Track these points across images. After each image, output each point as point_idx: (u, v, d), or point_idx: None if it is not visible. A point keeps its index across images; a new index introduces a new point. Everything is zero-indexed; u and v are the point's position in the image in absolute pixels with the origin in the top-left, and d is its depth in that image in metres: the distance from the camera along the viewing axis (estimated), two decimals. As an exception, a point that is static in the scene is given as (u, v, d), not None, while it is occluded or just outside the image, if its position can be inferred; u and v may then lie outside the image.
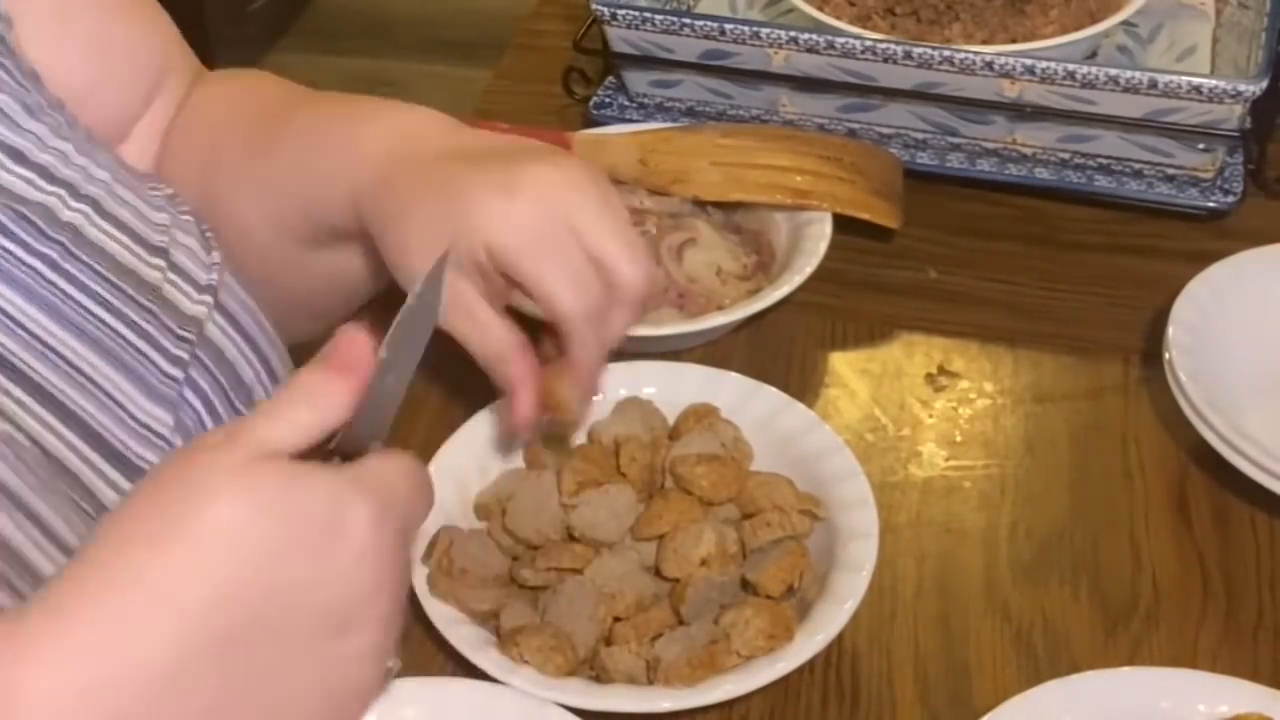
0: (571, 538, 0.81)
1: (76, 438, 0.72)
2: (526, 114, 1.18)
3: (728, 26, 1.11)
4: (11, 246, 0.72)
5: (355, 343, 0.58)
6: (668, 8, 1.18)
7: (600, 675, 0.77)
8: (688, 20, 1.11)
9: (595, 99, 1.19)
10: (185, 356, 0.77)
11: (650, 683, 0.76)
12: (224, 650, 0.53)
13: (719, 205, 1.05)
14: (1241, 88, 1.03)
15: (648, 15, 1.12)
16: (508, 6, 1.79)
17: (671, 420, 0.88)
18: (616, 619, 0.78)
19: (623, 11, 1.12)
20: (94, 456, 0.72)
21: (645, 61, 1.15)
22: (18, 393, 0.70)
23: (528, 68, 1.27)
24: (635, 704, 0.75)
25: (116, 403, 0.73)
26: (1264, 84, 1.04)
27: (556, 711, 0.73)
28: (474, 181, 0.76)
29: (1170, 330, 0.92)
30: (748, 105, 1.16)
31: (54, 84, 0.79)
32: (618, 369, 0.90)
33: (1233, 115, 1.05)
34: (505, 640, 0.76)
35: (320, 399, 0.57)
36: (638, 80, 1.17)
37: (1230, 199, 1.09)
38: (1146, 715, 0.74)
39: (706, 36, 1.11)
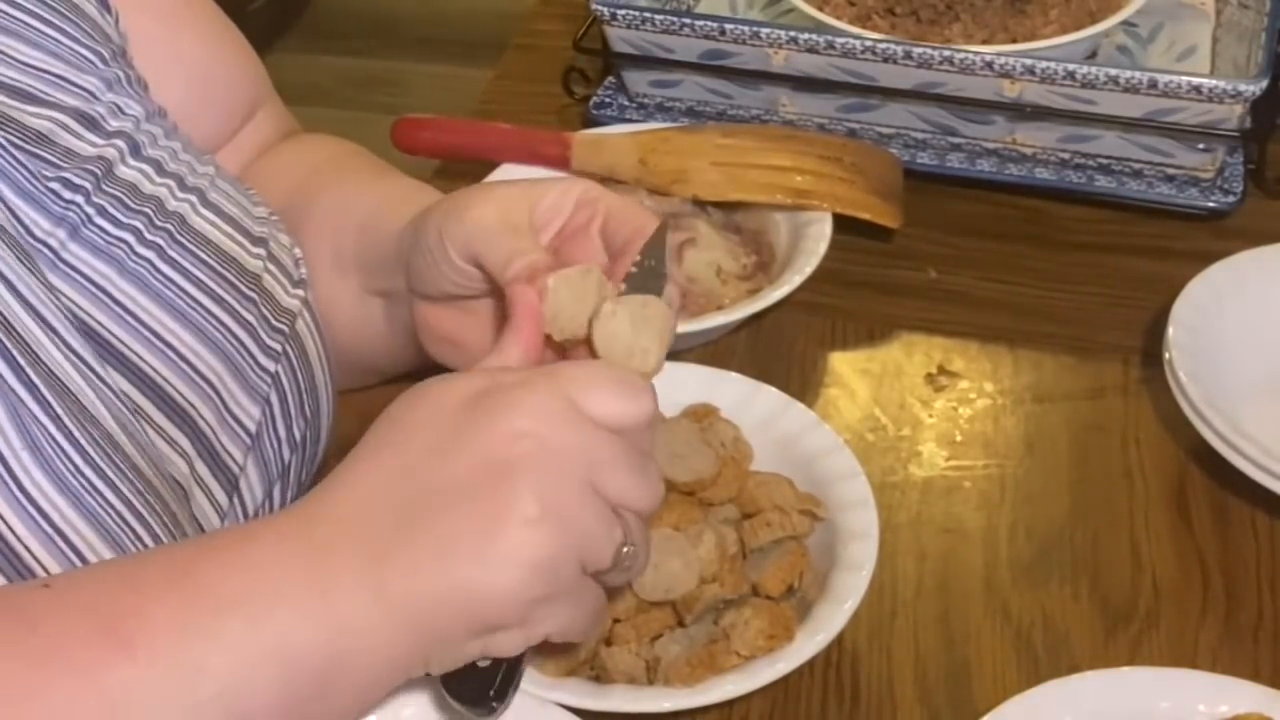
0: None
1: (177, 430, 0.74)
2: (526, 114, 1.18)
3: (728, 26, 1.11)
4: (127, 237, 0.74)
5: (526, 290, 0.71)
6: (668, 8, 1.18)
7: (600, 675, 0.77)
8: (688, 20, 1.11)
9: (595, 99, 1.19)
10: (279, 349, 0.79)
11: (650, 683, 0.76)
12: (398, 495, 0.63)
13: (719, 205, 1.05)
14: (1241, 88, 1.03)
15: (648, 15, 1.12)
16: (508, 6, 1.79)
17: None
18: (616, 619, 0.78)
19: (623, 11, 1.12)
20: (188, 447, 0.74)
21: (645, 61, 1.15)
22: (128, 387, 0.72)
23: (528, 68, 1.27)
24: (635, 704, 0.75)
25: (217, 393, 0.76)
26: (1264, 84, 1.04)
27: (556, 711, 0.73)
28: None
29: (1170, 330, 0.92)
30: (748, 105, 1.16)
31: (157, 99, 0.82)
32: (618, 369, 0.91)
33: (1233, 115, 1.05)
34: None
35: (505, 351, 0.69)
36: (638, 80, 1.17)
37: (1230, 199, 1.09)
38: (1146, 715, 0.74)
39: (706, 36, 1.11)
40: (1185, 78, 1.04)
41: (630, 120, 1.16)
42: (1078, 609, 0.84)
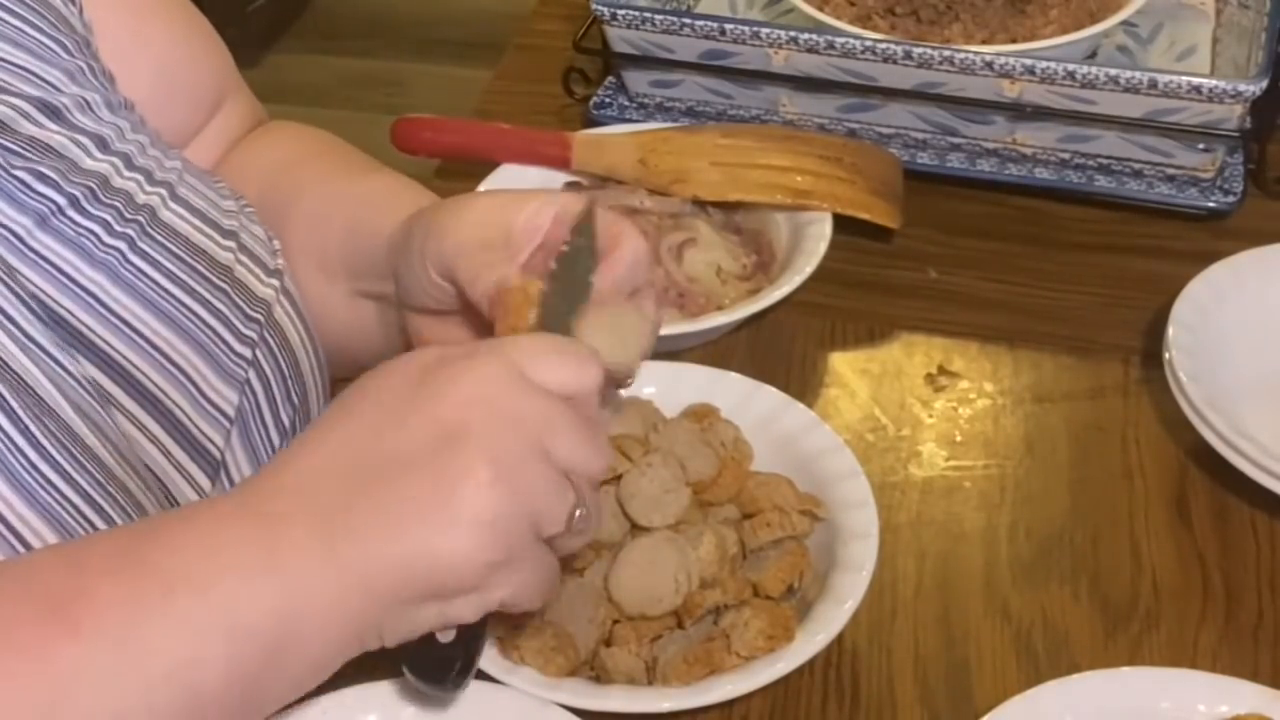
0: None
1: (150, 418, 0.74)
2: (526, 114, 1.18)
3: (728, 26, 1.11)
4: (95, 228, 0.74)
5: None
6: (668, 8, 1.18)
7: (600, 676, 0.77)
8: (688, 20, 1.11)
9: (595, 99, 1.19)
10: (254, 336, 0.80)
11: (650, 683, 0.76)
12: (348, 462, 0.64)
13: (719, 205, 1.05)
14: (1241, 88, 1.03)
15: (648, 15, 1.12)
16: (508, 6, 1.79)
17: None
18: (616, 620, 0.78)
19: (623, 11, 1.12)
20: (163, 436, 0.74)
21: (645, 61, 1.15)
22: (96, 373, 0.72)
23: (528, 68, 1.27)
24: (635, 704, 0.75)
25: (190, 380, 0.76)
26: (1264, 84, 1.04)
27: (556, 711, 0.73)
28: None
29: (1170, 330, 0.92)
30: (748, 105, 1.16)
31: (124, 92, 0.82)
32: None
33: (1233, 115, 1.05)
34: (505, 641, 0.77)
35: None
36: (638, 80, 1.17)
37: (1230, 199, 1.09)
38: (1146, 715, 0.74)
39: (706, 36, 1.11)
40: (1185, 78, 1.04)
41: (630, 120, 1.16)
42: (1078, 609, 0.84)
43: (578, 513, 0.66)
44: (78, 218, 0.74)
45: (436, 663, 0.68)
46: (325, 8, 3.16)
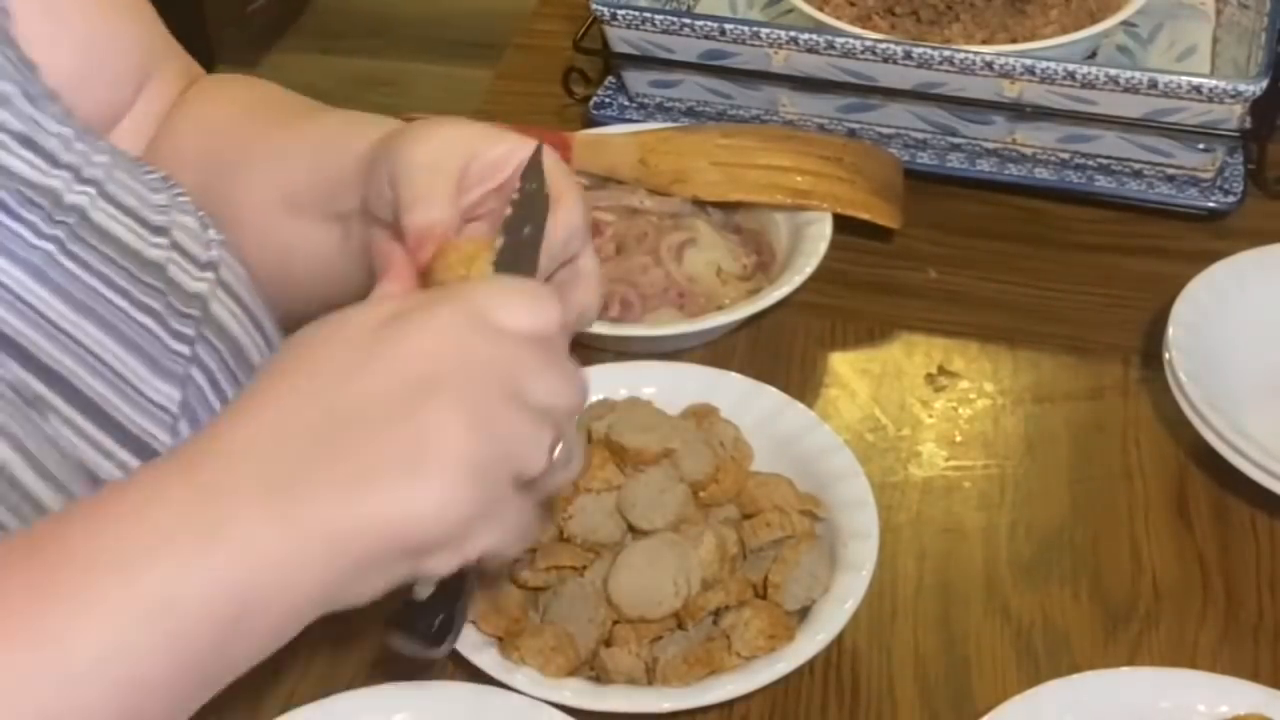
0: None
1: (86, 420, 0.72)
2: (526, 114, 1.18)
3: (728, 26, 1.11)
4: (21, 230, 0.73)
5: (394, 253, 0.72)
6: (668, 8, 1.18)
7: (600, 676, 0.77)
8: (688, 20, 1.11)
9: (595, 99, 1.19)
10: (191, 333, 0.78)
11: (650, 683, 0.76)
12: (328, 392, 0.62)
13: (719, 205, 1.05)
14: (1241, 88, 1.03)
15: (648, 15, 1.12)
16: (508, 6, 1.78)
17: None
18: (616, 621, 0.78)
19: (623, 11, 1.12)
20: (101, 437, 0.73)
21: (645, 61, 1.15)
22: (28, 377, 0.71)
23: (528, 68, 1.27)
24: (635, 704, 0.75)
25: (126, 381, 0.74)
26: (1264, 84, 1.04)
27: (549, 712, 0.73)
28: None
29: (1170, 330, 0.92)
30: (748, 105, 1.16)
31: (46, 78, 0.80)
32: (618, 369, 0.91)
33: (1233, 115, 1.05)
34: (505, 641, 0.76)
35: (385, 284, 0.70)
36: (638, 80, 1.17)
37: (1230, 199, 1.09)
38: (1146, 715, 0.74)
39: (706, 36, 1.11)
40: (1185, 78, 1.04)
41: (630, 120, 1.16)
42: (1078, 609, 0.84)
43: (558, 450, 0.64)
44: (5, 220, 0.72)
45: (418, 619, 0.66)
46: (325, 8, 3.16)
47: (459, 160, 0.75)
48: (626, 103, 1.19)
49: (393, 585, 0.63)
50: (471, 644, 0.76)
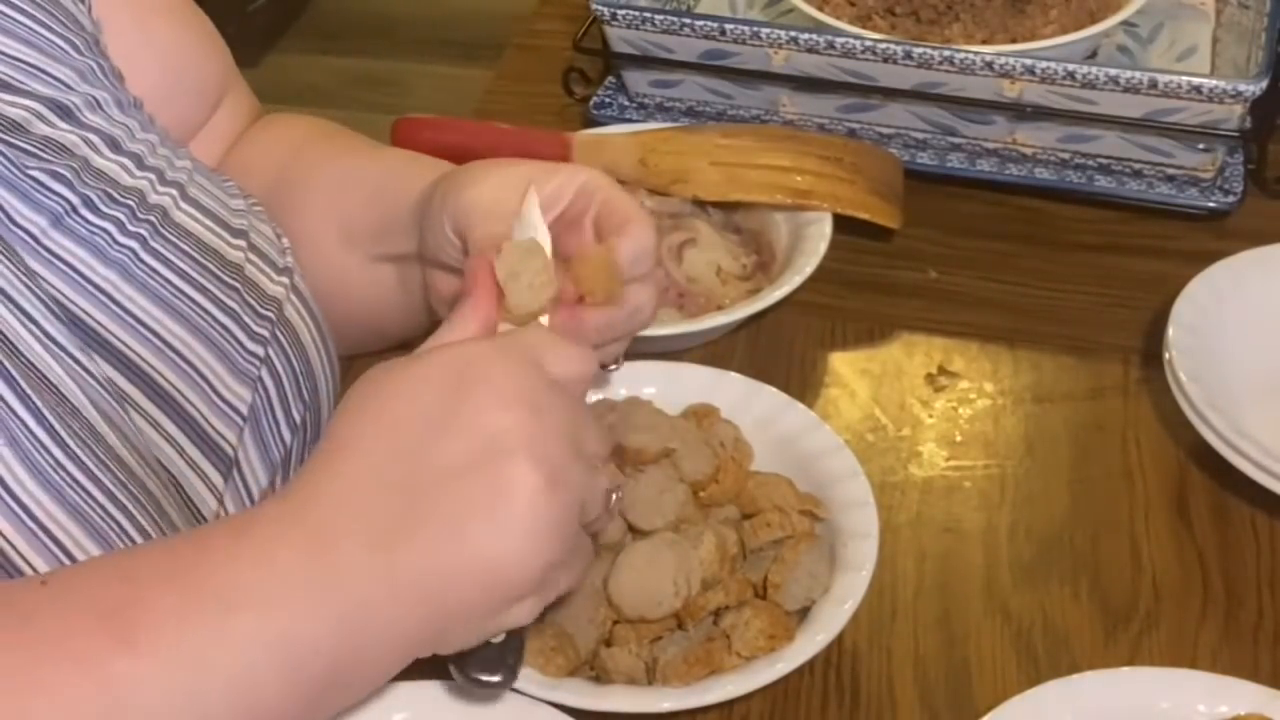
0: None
1: (165, 416, 0.74)
2: (526, 114, 1.18)
3: (728, 26, 1.11)
4: (108, 226, 0.74)
5: (481, 268, 0.72)
6: (668, 8, 1.18)
7: (600, 676, 0.77)
8: (688, 20, 1.11)
9: (595, 99, 1.19)
10: (266, 334, 0.80)
11: (650, 683, 0.76)
12: (396, 480, 0.64)
13: (719, 205, 1.05)
14: (1241, 88, 1.03)
15: (648, 15, 1.12)
16: (508, 6, 1.79)
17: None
18: (616, 621, 0.78)
19: (623, 11, 1.12)
20: (177, 433, 0.74)
21: (645, 61, 1.15)
22: (113, 373, 0.72)
23: (528, 68, 1.27)
24: (635, 704, 0.75)
25: (204, 379, 0.76)
26: (1264, 84, 1.04)
27: (549, 712, 0.73)
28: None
29: (1170, 330, 0.92)
30: (748, 105, 1.16)
31: (131, 89, 0.82)
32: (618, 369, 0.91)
33: (1233, 115, 1.05)
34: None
35: (458, 322, 0.71)
36: (638, 80, 1.17)
37: (1230, 199, 1.09)
38: (1146, 715, 0.74)
39: (706, 36, 1.11)
40: (1185, 78, 1.04)
41: (630, 120, 1.16)
42: (1078, 609, 0.84)
43: (614, 496, 0.70)
44: (91, 217, 0.74)
45: (483, 660, 0.68)
46: (325, 8, 3.16)
47: (517, 199, 0.76)
48: (626, 103, 1.19)
49: (480, 639, 0.66)
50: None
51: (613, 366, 0.82)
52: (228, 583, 0.60)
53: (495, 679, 0.68)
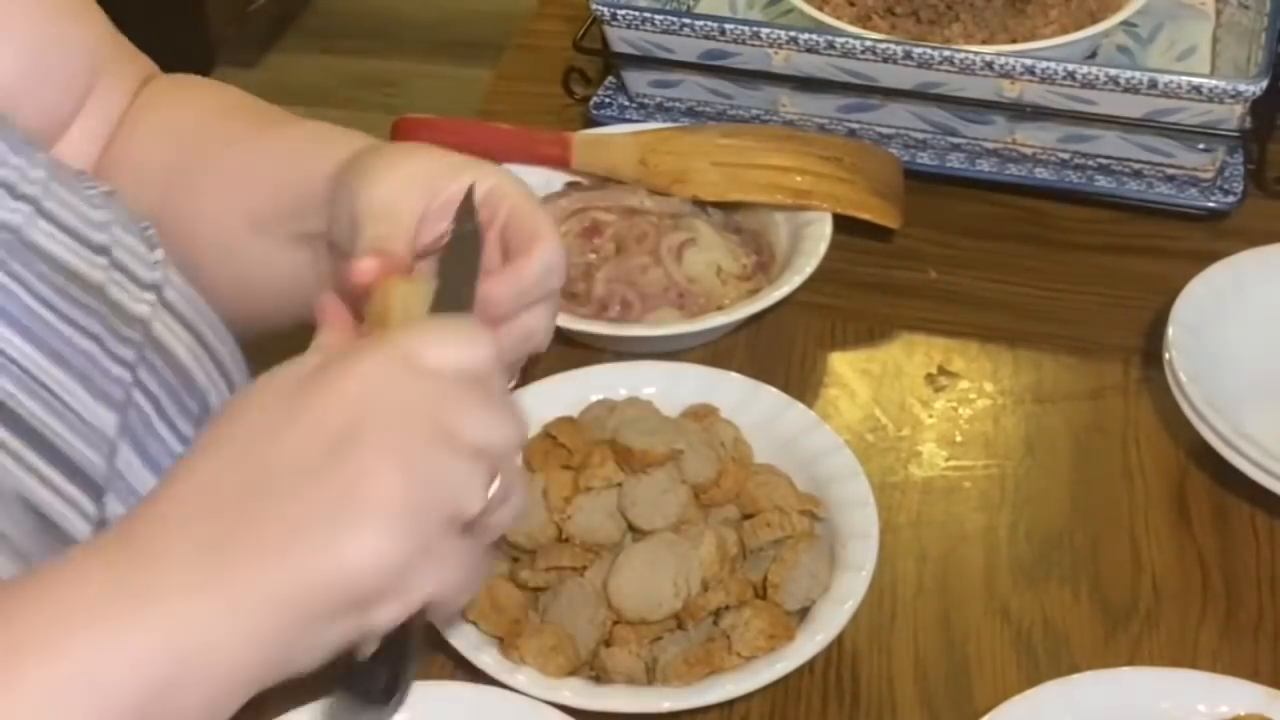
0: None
1: (25, 446, 0.70)
2: (526, 114, 1.18)
3: (728, 26, 1.11)
4: None
5: (331, 304, 0.70)
6: (668, 8, 1.18)
7: (600, 676, 0.77)
8: (688, 20, 1.11)
9: (595, 99, 1.19)
10: (131, 357, 0.76)
11: (650, 683, 0.76)
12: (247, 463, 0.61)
13: (719, 205, 1.05)
14: (1241, 88, 1.03)
15: (648, 15, 1.12)
16: (508, 6, 1.79)
17: (671, 420, 0.88)
18: (616, 621, 0.78)
19: (623, 11, 1.12)
20: (39, 463, 0.70)
21: (645, 61, 1.15)
22: None
23: (528, 68, 1.27)
24: (635, 704, 0.75)
25: (66, 405, 0.72)
26: (1264, 84, 1.04)
27: (549, 712, 0.73)
28: None
29: (1170, 330, 0.92)
30: (748, 105, 1.16)
31: None
32: (618, 369, 0.91)
33: (1233, 115, 1.05)
34: (506, 641, 0.76)
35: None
36: (638, 80, 1.17)
37: (1230, 199, 1.09)
38: (1146, 715, 0.74)
39: (706, 36, 1.11)
40: (1185, 78, 1.04)
41: (630, 120, 1.16)
42: (1078, 609, 0.84)
43: (493, 488, 0.63)
44: None
45: (365, 680, 0.64)
46: (325, 8, 3.15)
47: (419, 200, 0.74)
48: (626, 103, 1.19)
49: (339, 646, 0.61)
50: (471, 644, 0.76)
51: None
52: (21, 630, 0.56)
53: (368, 705, 0.64)
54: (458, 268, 0.72)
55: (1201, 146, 1.08)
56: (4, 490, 0.68)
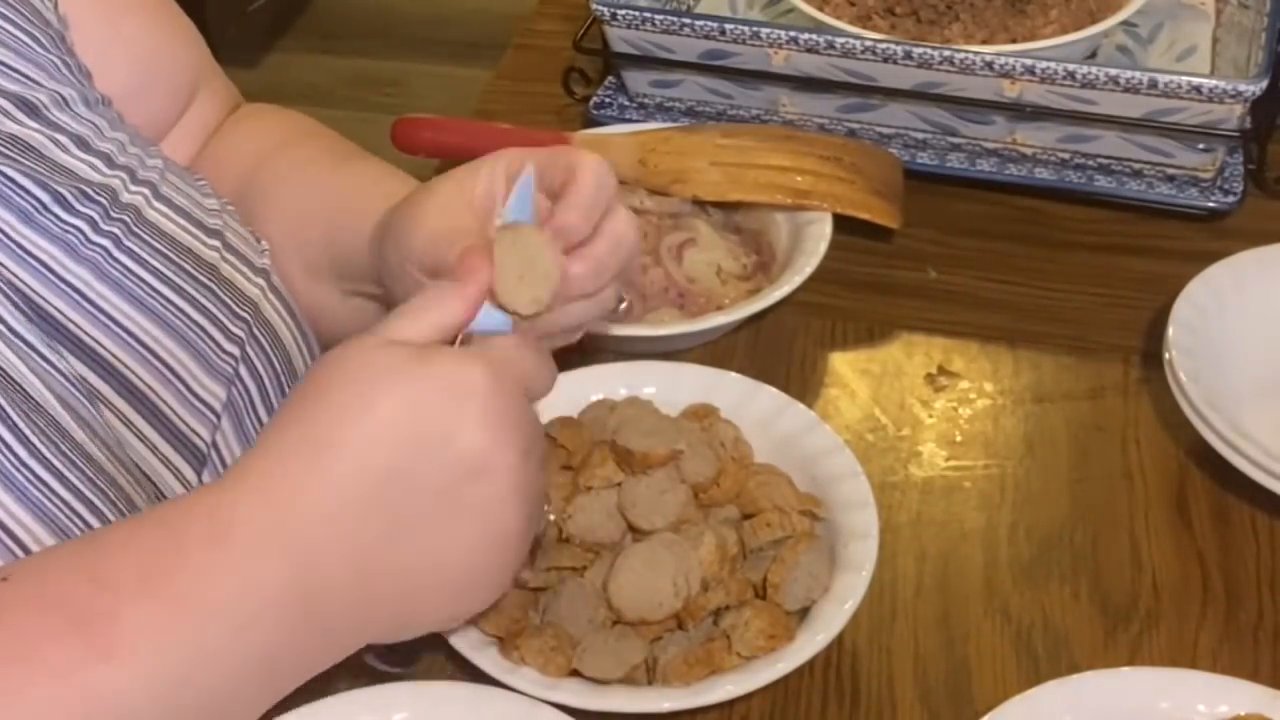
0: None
1: (136, 414, 0.74)
2: (526, 114, 1.18)
3: (728, 26, 1.11)
4: (80, 225, 0.74)
5: (476, 253, 0.69)
6: (668, 8, 1.18)
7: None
8: (688, 20, 1.11)
9: (595, 99, 1.19)
10: (241, 334, 0.80)
11: (650, 683, 0.76)
12: (385, 500, 0.63)
13: (719, 205, 1.05)
14: (1241, 88, 1.03)
15: (648, 15, 1.12)
16: (508, 6, 1.79)
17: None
18: (616, 621, 0.78)
19: (623, 11, 1.12)
20: (149, 431, 0.74)
21: (645, 61, 1.15)
22: (83, 370, 0.72)
23: (528, 68, 1.27)
24: (635, 704, 0.75)
25: (177, 376, 0.76)
26: (1264, 84, 1.04)
27: (549, 712, 0.73)
28: None
29: (1170, 330, 0.92)
30: (748, 105, 1.16)
31: (101, 86, 0.82)
32: (617, 369, 0.91)
33: (1233, 115, 1.05)
34: (506, 641, 0.76)
35: (447, 301, 0.68)
36: (638, 80, 1.17)
37: (1230, 199, 1.09)
38: (1146, 715, 0.74)
39: (706, 36, 1.11)
40: (1185, 78, 1.04)
41: (630, 120, 1.16)
42: (1078, 609, 0.84)
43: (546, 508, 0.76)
44: (63, 214, 0.73)
45: (398, 646, 0.73)
46: (325, 8, 3.16)
47: (464, 210, 0.75)
48: (626, 103, 1.19)
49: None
50: (471, 644, 0.76)
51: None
52: (207, 597, 0.60)
53: (400, 665, 0.76)
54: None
55: (1201, 146, 1.08)
56: (117, 450, 0.72)
